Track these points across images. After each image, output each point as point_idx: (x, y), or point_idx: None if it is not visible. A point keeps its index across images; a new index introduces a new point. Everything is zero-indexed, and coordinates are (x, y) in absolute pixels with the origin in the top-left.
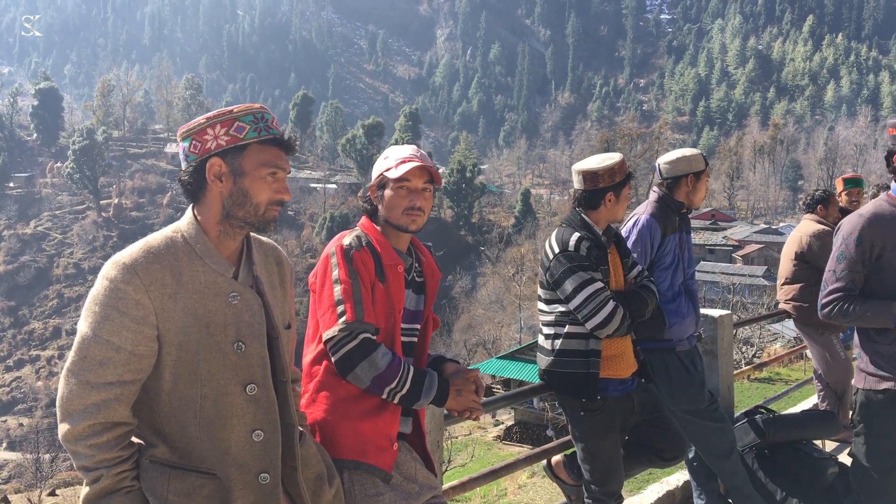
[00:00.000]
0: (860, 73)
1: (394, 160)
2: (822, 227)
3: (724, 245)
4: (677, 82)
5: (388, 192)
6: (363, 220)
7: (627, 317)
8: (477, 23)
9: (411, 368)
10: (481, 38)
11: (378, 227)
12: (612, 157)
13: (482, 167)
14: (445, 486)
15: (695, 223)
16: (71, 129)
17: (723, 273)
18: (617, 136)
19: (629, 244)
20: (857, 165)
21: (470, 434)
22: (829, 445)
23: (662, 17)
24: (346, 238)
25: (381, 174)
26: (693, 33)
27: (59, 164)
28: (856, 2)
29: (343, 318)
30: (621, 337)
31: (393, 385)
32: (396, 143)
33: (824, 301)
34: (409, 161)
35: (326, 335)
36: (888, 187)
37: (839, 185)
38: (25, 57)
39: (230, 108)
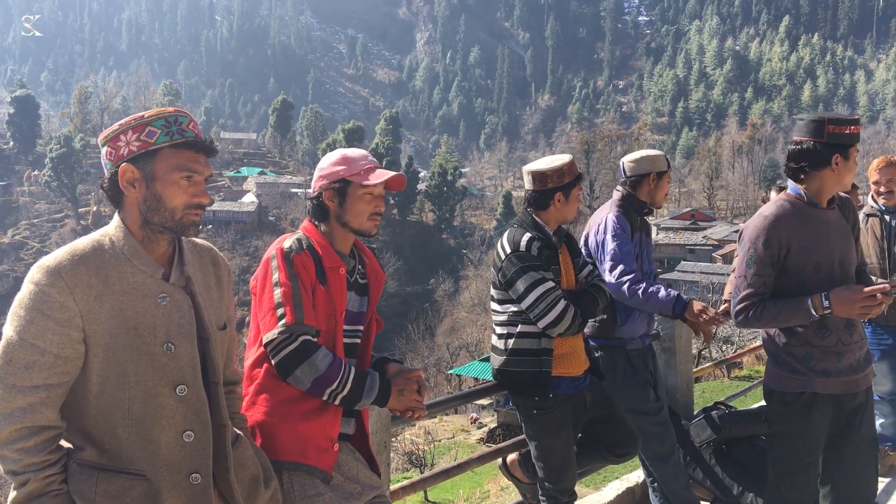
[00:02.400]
0: (836, 73)
1: (360, 166)
2: None
3: (704, 245)
4: (656, 83)
5: (352, 198)
6: (305, 222)
7: (579, 315)
8: (456, 26)
9: (352, 370)
10: (461, 42)
11: (321, 230)
12: (560, 159)
13: (463, 170)
14: (395, 486)
15: (674, 223)
16: (48, 136)
17: (702, 273)
18: (597, 137)
19: (607, 244)
20: None
21: (453, 437)
22: None
23: (640, 18)
24: (287, 241)
25: (343, 178)
26: (671, 35)
27: (36, 173)
28: (831, 2)
29: (283, 321)
30: (573, 335)
31: (333, 386)
32: (378, 147)
33: (738, 308)
34: (377, 168)
35: (266, 338)
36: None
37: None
38: (1, 65)
39: (143, 113)
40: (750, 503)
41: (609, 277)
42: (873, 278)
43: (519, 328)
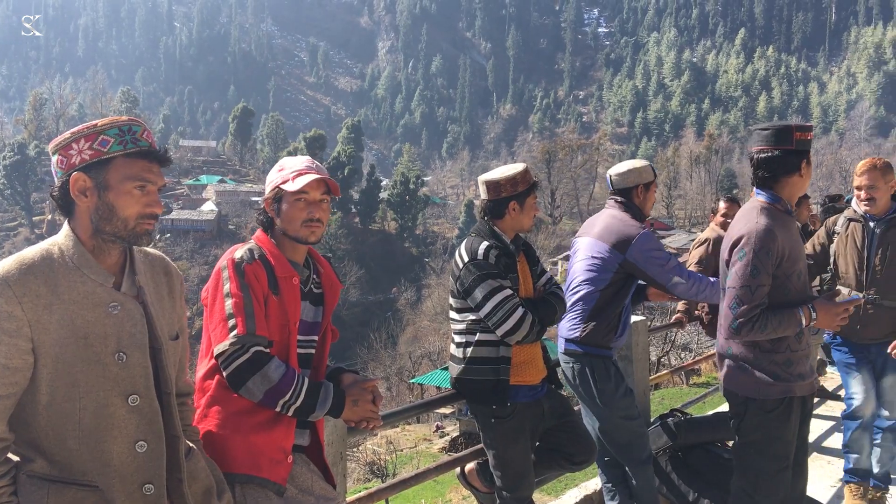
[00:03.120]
0: (790, 85)
1: (290, 172)
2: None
3: None
4: (615, 94)
5: (285, 205)
6: (258, 232)
7: (537, 323)
8: (418, 35)
9: (305, 380)
10: (423, 51)
11: (273, 240)
12: (514, 168)
13: (426, 179)
14: (352, 497)
15: None
16: (1, 143)
17: None
18: (558, 147)
19: (663, 257)
20: None
21: (416, 447)
22: None
23: (600, 30)
24: (238, 251)
25: (277, 186)
26: (630, 46)
27: None
28: (785, 16)
29: (234, 332)
30: (531, 343)
31: (286, 398)
32: (340, 155)
33: (743, 320)
34: (306, 173)
35: (217, 349)
36: (734, 199)
37: (723, 203)
38: None
39: (96, 121)
40: None
41: (682, 280)
42: (844, 290)
43: (477, 336)
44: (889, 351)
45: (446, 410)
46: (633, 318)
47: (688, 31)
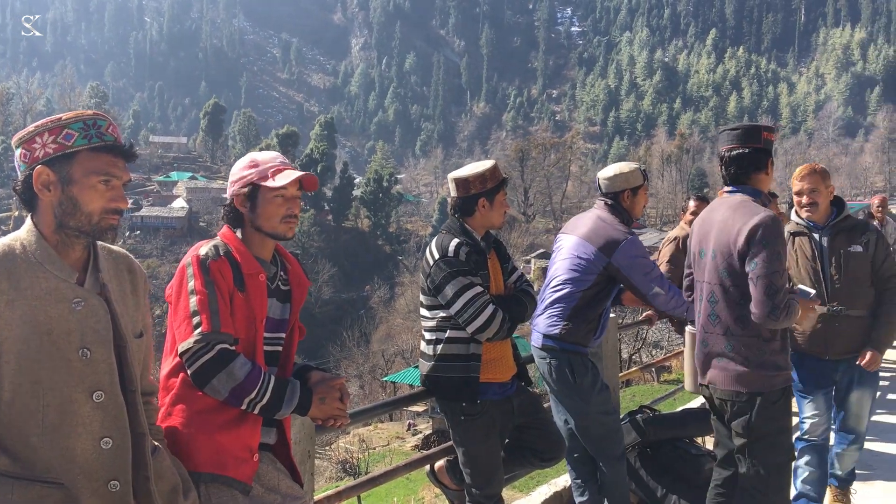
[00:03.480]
0: (760, 85)
1: (267, 168)
2: None
3: None
4: (588, 93)
5: (263, 201)
6: (223, 229)
7: (507, 320)
8: (392, 32)
9: (272, 378)
10: (396, 48)
11: (239, 236)
12: (483, 165)
13: (399, 176)
14: (320, 495)
15: None
16: None
17: None
18: (531, 145)
19: (647, 264)
20: None
21: (388, 445)
22: (709, 442)
23: (573, 29)
24: (203, 248)
25: (252, 182)
26: (602, 46)
27: None
28: (755, 17)
29: (199, 329)
30: (501, 341)
31: (252, 396)
32: (312, 152)
33: (781, 305)
34: (286, 169)
35: (182, 347)
36: (704, 198)
37: (693, 202)
38: None
39: (60, 115)
40: None
41: (661, 291)
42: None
43: (448, 333)
44: (859, 363)
45: (419, 408)
46: None
47: (660, 31)
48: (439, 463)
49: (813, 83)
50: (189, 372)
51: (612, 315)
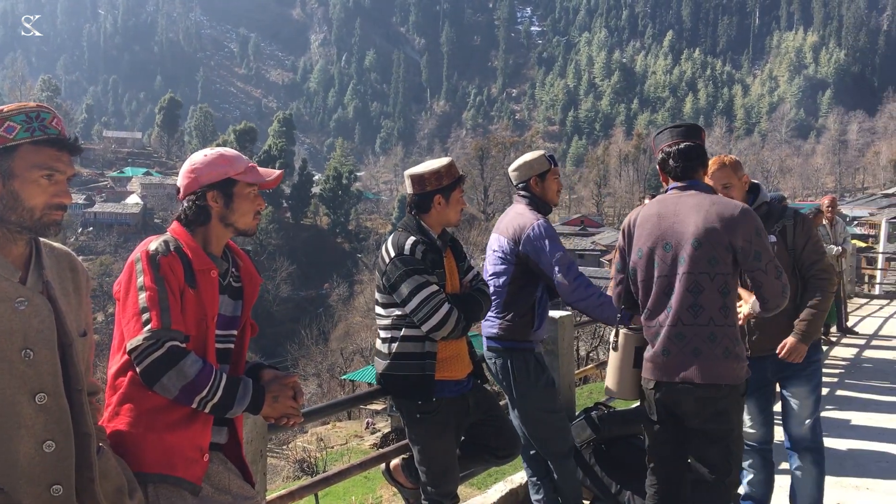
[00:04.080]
0: (716, 87)
1: (241, 164)
2: None
3: (592, 250)
4: (547, 93)
5: (238, 197)
6: (173, 224)
7: (462, 319)
8: (352, 29)
9: (223, 376)
10: (356, 45)
11: (192, 232)
12: (439, 162)
13: (359, 174)
14: (272, 495)
15: (564, 229)
16: None
17: (591, 277)
18: (491, 144)
19: (550, 249)
20: None
21: (346, 443)
22: None
23: (533, 29)
24: (153, 243)
25: (229, 177)
26: (562, 46)
27: None
28: (711, 19)
29: (148, 327)
30: (456, 339)
31: (203, 394)
32: (271, 149)
33: (789, 291)
34: (255, 167)
35: (131, 344)
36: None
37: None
38: None
39: (1, 107)
40: (627, 501)
41: (564, 280)
42: None
43: (403, 332)
44: (777, 352)
45: (378, 406)
46: (559, 313)
47: (618, 32)
48: (395, 461)
49: (766, 85)
50: (138, 370)
51: (567, 312)
